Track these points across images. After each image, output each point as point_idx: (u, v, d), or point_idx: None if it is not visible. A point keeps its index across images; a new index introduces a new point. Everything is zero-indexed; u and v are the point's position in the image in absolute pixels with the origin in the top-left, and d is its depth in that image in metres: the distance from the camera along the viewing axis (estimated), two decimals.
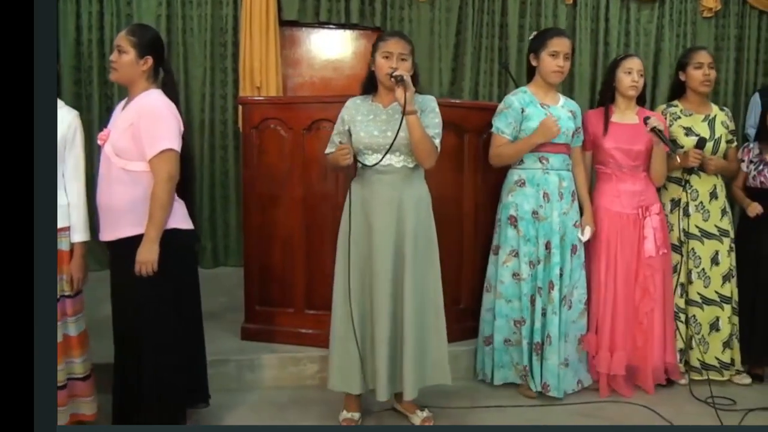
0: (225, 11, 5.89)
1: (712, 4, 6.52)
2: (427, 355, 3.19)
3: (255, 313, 3.97)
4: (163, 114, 2.84)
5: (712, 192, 3.83)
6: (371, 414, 3.37)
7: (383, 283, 3.07)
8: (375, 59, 3.12)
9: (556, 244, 3.59)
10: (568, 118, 3.64)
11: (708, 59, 3.80)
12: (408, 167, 3.13)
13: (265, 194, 3.90)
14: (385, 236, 3.07)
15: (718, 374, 3.83)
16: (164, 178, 2.79)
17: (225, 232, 6.03)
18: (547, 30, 3.89)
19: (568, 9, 6.43)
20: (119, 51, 2.89)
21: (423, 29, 6.22)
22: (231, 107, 5.92)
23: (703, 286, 3.81)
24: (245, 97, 5.21)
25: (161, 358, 2.86)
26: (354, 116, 3.15)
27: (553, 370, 3.58)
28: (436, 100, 3.24)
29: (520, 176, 3.63)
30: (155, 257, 2.78)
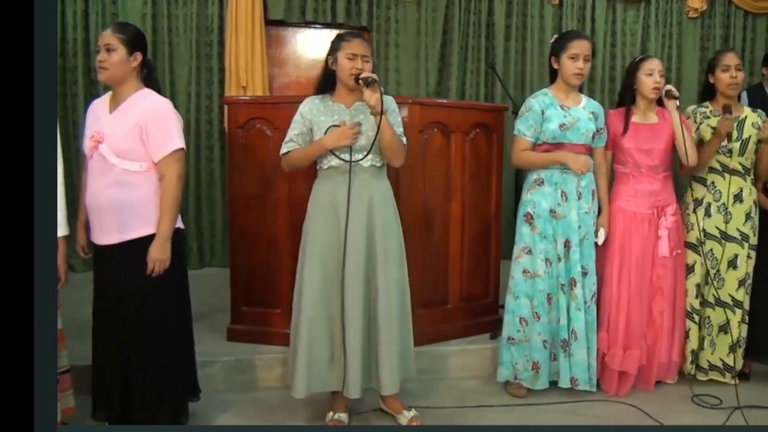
0: (210, 10, 5.86)
1: (698, 4, 6.57)
2: (404, 352, 3.20)
3: (241, 314, 3.95)
4: (168, 114, 2.89)
5: (737, 194, 3.78)
6: (358, 415, 3.36)
7: (356, 282, 3.06)
8: (337, 59, 3.09)
9: (576, 242, 3.59)
10: (589, 119, 3.64)
11: (735, 62, 3.78)
12: (376, 166, 3.12)
13: (250, 194, 3.87)
14: (358, 235, 3.06)
15: (720, 375, 3.83)
16: (176, 178, 2.86)
17: (211, 233, 6.00)
18: (567, 33, 3.88)
19: (554, 9, 6.45)
20: (108, 49, 2.85)
21: (409, 29, 6.22)
22: (216, 107, 5.89)
23: (717, 288, 3.80)
24: (231, 97, 5.20)
25: (165, 358, 2.91)
26: (316, 116, 3.13)
27: (582, 365, 3.60)
28: (423, 99, 3.24)
29: (539, 175, 3.63)
30: (169, 255, 2.85)
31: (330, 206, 3.10)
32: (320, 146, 3.05)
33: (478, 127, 4.02)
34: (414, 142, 3.74)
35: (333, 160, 3.08)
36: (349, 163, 3.05)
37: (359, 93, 3.03)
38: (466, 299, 4.07)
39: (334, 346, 3.12)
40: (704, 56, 6.67)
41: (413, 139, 3.73)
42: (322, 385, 3.14)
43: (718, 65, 3.81)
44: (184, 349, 3.05)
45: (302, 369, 3.08)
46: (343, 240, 3.05)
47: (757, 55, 6.66)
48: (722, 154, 3.76)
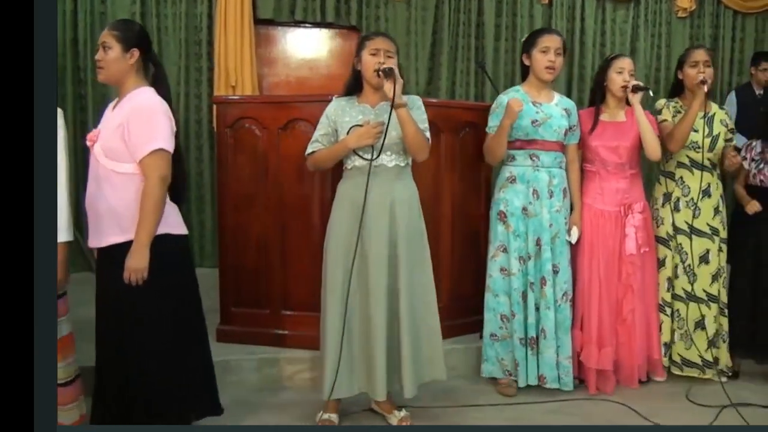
0: (199, 9, 5.85)
1: (687, 4, 6.59)
2: (422, 353, 3.18)
3: (231, 315, 3.93)
4: (154, 112, 2.72)
5: (705, 190, 3.81)
6: (348, 415, 3.35)
7: (379, 284, 3.05)
8: (361, 57, 3.09)
9: (547, 240, 3.60)
10: (562, 116, 3.65)
11: (704, 57, 3.81)
12: (400, 166, 3.12)
13: (240, 194, 3.86)
14: (379, 237, 3.05)
15: (700, 372, 3.85)
16: (156, 180, 2.66)
17: (200, 233, 5.98)
18: (538, 29, 3.95)
19: (543, 9, 6.46)
20: (104, 48, 2.78)
21: (399, 28, 6.22)
22: (206, 106, 5.88)
23: (688, 282, 3.81)
24: (220, 97, 5.18)
25: (154, 369, 2.74)
26: (341, 117, 3.12)
27: (550, 363, 3.61)
28: None
29: (511, 173, 3.64)
30: (146, 264, 2.65)
31: (351, 207, 3.09)
32: (343, 146, 3.05)
33: (468, 127, 4.02)
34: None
35: (357, 160, 3.08)
36: (369, 163, 3.04)
37: (384, 93, 3.02)
38: (456, 298, 4.06)
39: (355, 350, 3.11)
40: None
41: None
42: (345, 391, 3.12)
43: (687, 61, 3.85)
44: (188, 359, 2.85)
45: (329, 372, 3.08)
46: (364, 243, 3.04)
47: (746, 55, 6.69)
48: (692, 150, 3.80)
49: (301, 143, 3.58)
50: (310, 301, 3.68)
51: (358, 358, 3.12)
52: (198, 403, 2.97)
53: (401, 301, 3.07)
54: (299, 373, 3.71)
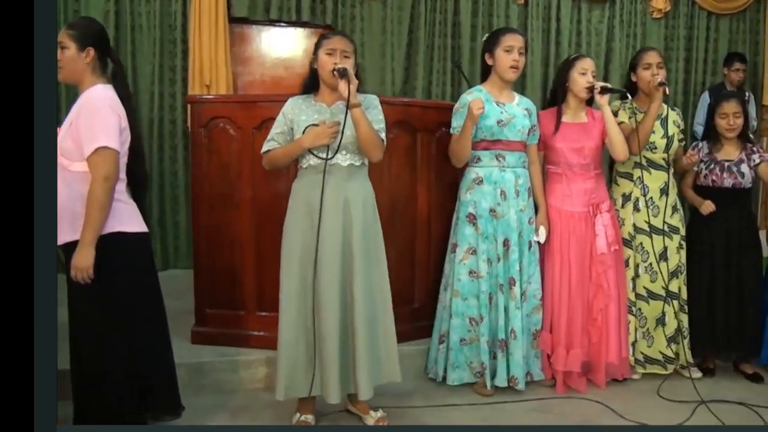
0: (174, 7, 5.78)
1: (662, 5, 6.64)
2: (379, 354, 3.16)
3: (205, 316, 3.89)
4: (98, 110, 2.68)
5: (662, 188, 3.86)
6: (324, 416, 3.33)
7: (332, 284, 3.03)
8: (318, 57, 3.08)
9: (515, 241, 3.61)
10: (524, 116, 3.65)
11: (656, 59, 3.83)
12: (354, 165, 3.10)
13: (214, 194, 3.82)
14: (333, 236, 3.03)
15: (661, 368, 3.89)
16: (99, 178, 2.62)
17: (175, 234, 5.92)
18: (500, 28, 3.92)
19: (519, 8, 6.48)
20: (61, 47, 2.77)
21: (375, 28, 6.20)
22: (180, 105, 5.81)
23: (650, 281, 3.87)
24: (194, 96, 5.14)
25: (105, 367, 2.73)
26: (297, 115, 3.10)
27: (520, 364, 3.61)
28: (389, 98, 3.22)
29: (478, 174, 3.63)
30: (91, 263, 2.62)
31: (305, 206, 3.07)
32: (299, 146, 3.03)
33: (444, 126, 4.00)
34: None
35: (311, 159, 3.06)
36: (324, 162, 3.02)
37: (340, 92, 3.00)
38: (434, 298, 4.05)
39: (310, 351, 3.09)
40: (668, 56, 6.74)
41: None
42: (302, 391, 3.11)
43: (640, 64, 3.89)
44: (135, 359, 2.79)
45: (282, 372, 3.08)
46: (314, 242, 3.02)
47: (720, 55, 6.76)
48: (649, 150, 3.85)
49: None
50: None
51: (311, 360, 3.10)
52: (155, 403, 2.92)
53: (356, 301, 3.05)
54: (274, 374, 3.66)
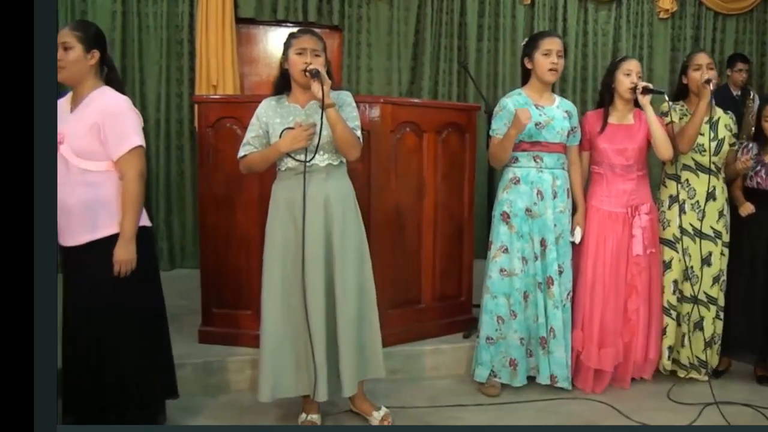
0: (181, 8, 5.79)
1: (669, 5, 6.63)
2: (364, 351, 3.17)
3: (212, 316, 3.90)
4: (126, 112, 2.82)
5: (710, 192, 3.81)
6: (330, 416, 3.33)
7: (316, 283, 3.03)
8: (288, 57, 3.07)
9: (552, 240, 3.61)
10: (563, 118, 3.66)
11: (706, 60, 3.82)
12: (332, 165, 3.08)
13: (221, 194, 3.83)
14: (315, 236, 3.03)
15: (697, 373, 3.87)
16: (136, 175, 2.80)
17: (181, 234, 5.93)
18: (538, 33, 3.98)
19: (526, 9, 6.48)
20: (65, 48, 2.80)
21: (382, 28, 6.21)
22: (187, 106, 5.82)
23: (691, 285, 3.83)
24: (201, 96, 5.15)
25: (138, 358, 2.86)
26: (271, 117, 3.09)
27: (561, 363, 3.63)
28: (396, 99, 3.21)
29: (515, 174, 3.65)
30: (134, 255, 2.79)
31: (287, 208, 3.06)
32: (276, 150, 3.02)
33: (451, 127, 4.01)
34: (386, 142, 3.72)
35: (290, 162, 3.05)
36: (304, 164, 3.01)
37: (313, 92, 2.99)
38: (439, 299, 4.06)
39: (299, 350, 3.09)
40: (675, 56, 6.74)
41: (385, 139, 3.72)
42: (288, 390, 3.11)
43: (690, 65, 3.86)
44: (157, 348, 3.00)
45: (266, 373, 3.07)
46: (301, 242, 3.02)
47: (727, 56, 6.73)
48: (698, 153, 3.80)
49: None
50: None
51: (302, 360, 3.10)
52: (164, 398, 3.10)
53: (339, 298, 3.05)
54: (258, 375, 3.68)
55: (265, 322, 3.09)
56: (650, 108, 3.67)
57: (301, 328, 3.07)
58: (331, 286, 3.06)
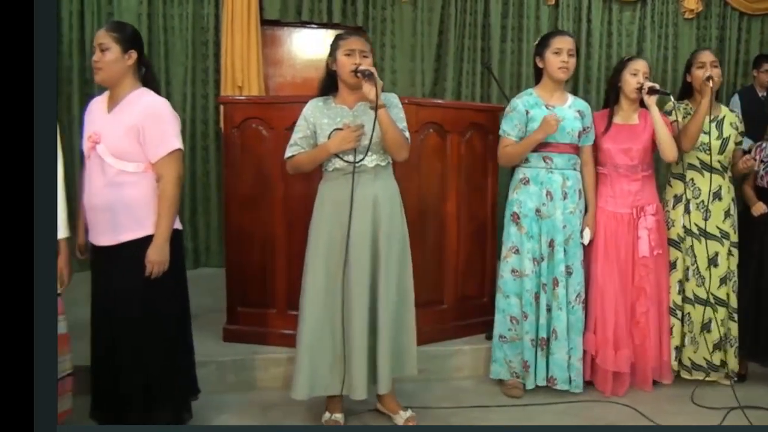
0: (206, 10, 5.85)
1: (694, 5, 6.57)
2: (401, 351, 3.20)
3: (237, 315, 3.94)
4: (166, 115, 2.85)
5: (716, 192, 3.80)
6: (354, 415, 3.35)
7: (361, 284, 3.05)
8: (336, 58, 3.09)
9: (560, 242, 3.61)
10: (575, 118, 3.65)
11: (710, 58, 3.81)
12: (380, 165, 3.11)
13: (246, 194, 3.86)
14: (362, 237, 3.05)
15: (705, 374, 3.84)
16: (174, 178, 2.82)
17: (206, 233, 5.98)
18: (550, 32, 3.99)
19: (550, 10, 6.45)
20: (101, 49, 2.83)
21: (405, 29, 6.22)
22: (212, 107, 5.88)
23: (696, 285, 3.81)
24: (226, 97, 5.19)
25: (164, 358, 2.89)
26: (319, 118, 3.11)
27: (561, 365, 3.62)
28: (419, 99, 3.23)
29: (525, 174, 3.65)
30: (167, 257, 2.81)
31: (334, 208, 3.08)
32: (325, 151, 3.05)
33: (474, 128, 4.02)
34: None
35: (337, 162, 3.07)
36: (352, 165, 3.04)
37: (361, 93, 3.02)
38: (462, 299, 4.07)
39: (337, 348, 3.11)
40: None
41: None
42: (324, 389, 3.14)
43: (694, 63, 3.86)
44: (183, 349, 3.02)
45: (304, 371, 3.09)
46: (346, 242, 3.04)
47: (752, 56, 6.66)
48: (702, 152, 3.79)
49: None
50: None
51: (339, 358, 3.12)
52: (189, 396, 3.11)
53: (380, 299, 3.07)
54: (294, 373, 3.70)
55: (305, 321, 3.11)
56: (656, 108, 3.66)
57: (340, 327, 3.09)
58: (375, 286, 3.08)
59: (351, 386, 3.10)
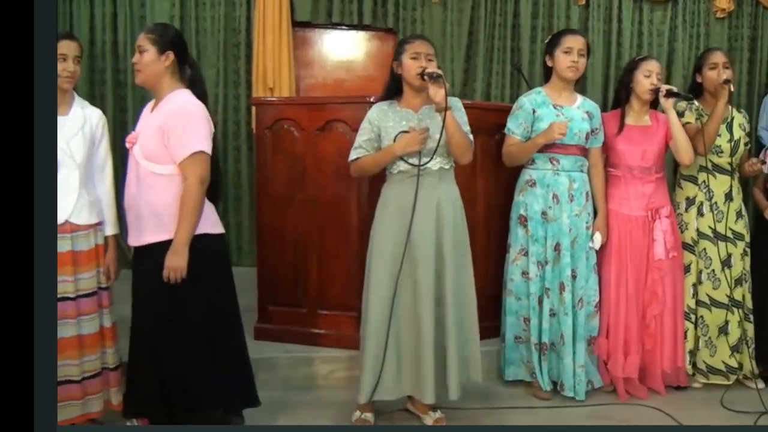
0: (238, 12, 5.91)
1: (725, 4, 6.50)
2: (466, 355, 3.20)
3: (268, 314, 3.99)
4: (193, 115, 2.81)
5: (727, 193, 3.79)
6: (383, 415, 3.38)
7: (427, 287, 3.06)
8: (402, 61, 3.10)
9: (566, 245, 3.58)
10: (583, 119, 3.62)
11: (722, 59, 3.78)
12: (444, 168, 3.13)
13: (278, 195, 3.91)
14: (427, 240, 3.07)
15: (724, 378, 3.81)
16: (195, 181, 2.75)
17: (238, 233, 6.05)
18: (560, 31, 3.93)
19: (580, 10, 6.41)
20: (140, 51, 2.87)
21: (435, 30, 6.21)
22: (244, 108, 5.93)
23: (712, 288, 3.78)
24: (258, 98, 5.24)
25: (186, 365, 2.83)
26: (384, 121, 3.13)
27: (568, 371, 3.59)
28: None
29: (531, 176, 3.63)
30: (185, 263, 2.73)
31: (398, 210, 3.10)
32: (390, 153, 3.07)
33: (504, 129, 4.02)
34: None
35: (402, 165, 3.09)
36: (418, 168, 3.05)
37: (426, 96, 3.04)
38: (491, 300, 4.06)
39: (403, 352, 3.12)
40: (732, 57, 6.60)
41: None
42: (390, 393, 3.14)
43: (706, 64, 3.83)
44: (203, 357, 2.86)
45: (368, 375, 3.11)
46: (406, 244, 3.05)
47: None
48: (714, 154, 3.77)
49: (338, 144, 3.64)
50: (346, 301, 3.75)
51: (406, 362, 3.13)
52: (231, 398, 3.02)
53: (447, 303, 3.08)
54: (334, 372, 3.75)
55: (369, 324, 3.12)
56: (673, 112, 3.63)
57: (406, 331, 3.11)
58: (440, 289, 3.09)
59: (421, 390, 3.11)
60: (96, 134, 3.04)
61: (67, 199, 2.91)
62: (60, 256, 2.87)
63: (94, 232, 3.02)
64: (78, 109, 3.02)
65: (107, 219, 3.08)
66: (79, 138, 2.96)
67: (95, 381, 3.01)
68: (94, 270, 3.01)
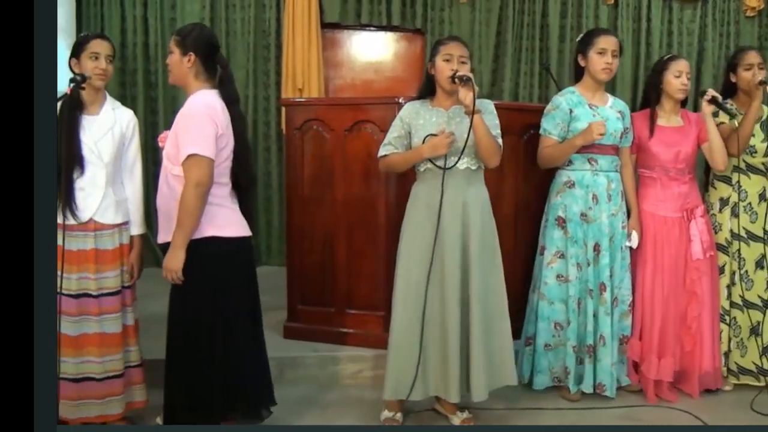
0: (268, 14, 5.97)
1: (756, 3, 6.44)
2: (493, 357, 3.18)
3: (297, 312, 4.03)
4: (194, 117, 2.75)
5: (761, 194, 3.76)
6: (411, 414, 3.39)
7: (453, 286, 3.07)
8: (435, 63, 3.13)
9: (606, 246, 3.56)
10: (617, 118, 3.61)
11: (758, 59, 3.74)
12: (471, 169, 3.14)
13: (307, 195, 3.95)
14: (453, 240, 3.08)
15: (754, 379, 3.78)
16: (191, 184, 2.69)
17: (267, 232, 6.11)
18: (593, 30, 3.89)
19: (609, 9, 6.39)
20: (169, 52, 2.92)
21: (463, 30, 6.22)
22: (273, 109, 6.00)
23: (745, 289, 3.75)
24: (288, 99, 5.29)
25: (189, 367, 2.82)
26: (415, 119, 3.15)
27: (608, 371, 3.57)
28: None
29: (569, 177, 3.61)
30: (180, 265, 2.71)
31: (426, 209, 3.12)
32: (418, 155, 3.10)
33: (532, 129, 4.00)
34: None
35: (428, 163, 3.12)
36: (443, 171, 3.07)
37: (457, 98, 3.05)
38: (519, 301, 4.06)
39: (429, 351, 3.13)
40: (763, 56, 6.52)
41: None
42: (415, 393, 3.13)
43: (741, 64, 3.78)
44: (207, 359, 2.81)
45: (393, 374, 3.13)
46: (434, 244, 3.07)
47: None
48: (748, 154, 3.73)
49: (367, 145, 3.66)
50: (374, 301, 3.77)
51: (433, 361, 3.14)
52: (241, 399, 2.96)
53: (473, 304, 3.08)
54: (362, 371, 3.77)
55: (396, 323, 3.14)
56: (711, 119, 3.60)
57: (432, 331, 3.12)
58: (466, 290, 3.10)
59: (447, 389, 3.12)
60: (126, 135, 3.09)
61: (92, 198, 2.97)
62: (83, 254, 2.93)
63: (119, 231, 3.07)
64: (108, 110, 3.08)
65: (133, 219, 3.13)
66: (107, 138, 3.02)
67: (118, 381, 3.04)
68: (118, 269, 3.05)
